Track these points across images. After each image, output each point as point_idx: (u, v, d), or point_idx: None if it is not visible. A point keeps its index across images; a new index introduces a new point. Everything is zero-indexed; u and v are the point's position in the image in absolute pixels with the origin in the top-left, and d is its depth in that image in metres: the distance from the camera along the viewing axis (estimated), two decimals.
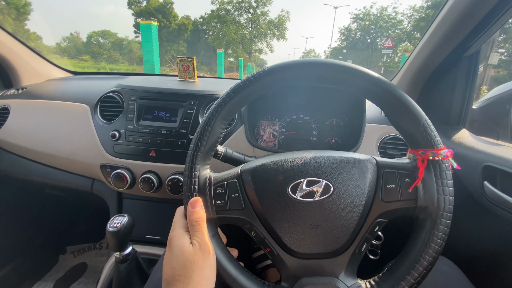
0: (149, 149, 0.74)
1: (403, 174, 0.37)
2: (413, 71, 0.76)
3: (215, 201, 0.38)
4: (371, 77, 0.36)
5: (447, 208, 0.34)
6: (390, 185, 0.37)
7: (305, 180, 0.37)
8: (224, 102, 0.38)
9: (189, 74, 0.91)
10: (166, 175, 0.74)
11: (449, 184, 0.35)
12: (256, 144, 0.74)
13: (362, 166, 0.38)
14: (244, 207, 0.38)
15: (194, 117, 0.74)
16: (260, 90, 0.38)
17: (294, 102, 0.85)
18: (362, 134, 0.72)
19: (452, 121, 0.73)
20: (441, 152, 0.35)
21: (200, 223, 0.36)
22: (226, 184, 0.39)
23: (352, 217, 0.36)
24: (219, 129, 0.39)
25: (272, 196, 0.37)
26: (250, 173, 0.39)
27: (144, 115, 0.77)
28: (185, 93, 0.77)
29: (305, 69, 0.36)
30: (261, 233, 0.38)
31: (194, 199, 0.37)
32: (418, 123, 0.35)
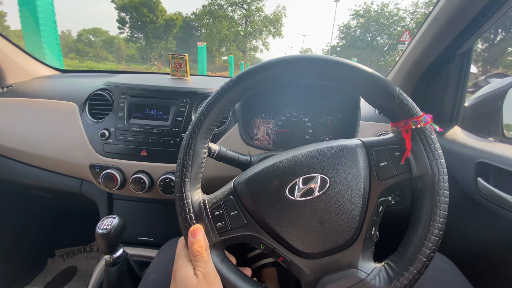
0: (140, 148, 0.72)
1: (392, 149, 0.37)
2: (406, 69, 0.76)
3: (215, 224, 0.37)
4: (340, 64, 0.36)
5: (442, 171, 0.34)
6: (383, 162, 0.37)
7: (300, 178, 0.36)
8: (200, 121, 0.37)
9: (182, 71, 0.89)
10: (158, 175, 0.72)
11: (437, 148, 0.35)
12: (251, 142, 0.73)
13: (352, 151, 0.38)
14: (246, 222, 0.37)
15: (186, 115, 0.73)
16: (233, 100, 0.38)
17: (288, 100, 0.84)
18: (357, 131, 0.72)
19: (445, 118, 0.74)
20: (422, 119, 0.35)
21: (201, 252, 0.35)
22: (223, 204, 0.38)
23: (355, 203, 0.36)
24: (201, 149, 0.38)
25: (271, 203, 0.36)
26: (244, 185, 0.38)
27: (135, 113, 0.75)
28: (177, 90, 0.75)
29: (275, 68, 0.36)
30: (270, 244, 0.37)
31: (194, 228, 0.36)
32: (392, 96, 0.35)
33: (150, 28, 31.15)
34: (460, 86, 0.70)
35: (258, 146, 0.73)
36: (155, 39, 32.28)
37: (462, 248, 0.63)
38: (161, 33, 32.07)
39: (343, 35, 33.76)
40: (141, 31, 32.38)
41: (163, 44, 32.31)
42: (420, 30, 0.68)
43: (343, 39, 34.02)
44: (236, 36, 29.78)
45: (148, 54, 24.25)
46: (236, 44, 30.13)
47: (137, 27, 32.41)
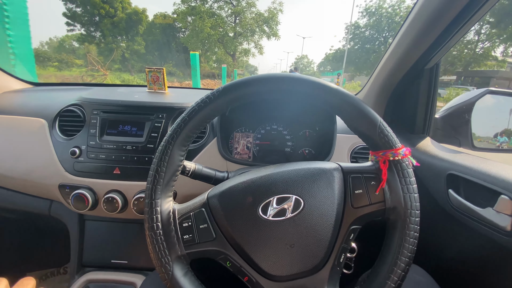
0: (113, 166, 0.69)
1: (368, 178, 0.37)
2: (378, 84, 0.78)
3: (182, 236, 0.36)
4: (327, 88, 0.36)
5: (414, 205, 0.35)
6: (358, 190, 0.37)
7: (275, 198, 0.36)
8: (180, 127, 0.36)
9: (159, 85, 0.87)
10: (132, 194, 0.69)
11: (412, 182, 0.35)
12: (230, 157, 0.72)
13: (329, 175, 0.38)
14: (215, 237, 0.36)
15: (162, 131, 0.70)
16: (217, 110, 0.37)
17: (267, 113, 0.84)
18: (334, 144, 0.73)
19: (417, 130, 0.76)
20: (400, 152, 0.35)
21: None
22: (193, 215, 0.37)
23: (326, 229, 0.35)
24: (178, 156, 0.37)
25: (243, 220, 0.36)
26: (217, 198, 0.37)
27: (108, 130, 0.72)
28: (153, 105, 0.73)
29: (260, 85, 0.36)
30: (237, 262, 0.36)
31: None
32: (374, 126, 0.36)
33: (105, 23, 23.11)
34: (430, 99, 0.73)
35: (237, 161, 0.72)
36: (113, 38, 24.49)
37: (438, 260, 0.64)
38: (121, 30, 24.40)
39: (351, 36, 28.28)
40: (98, 28, 24.42)
41: (126, 45, 25.39)
42: (389, 47, 0.71)
43: (350, 40, 28.39)
44: (223, 37, 24.13)
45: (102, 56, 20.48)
46: (224, 47, 24.61)
47: (92, 23, 24.09)
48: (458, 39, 0.62)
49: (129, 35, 25.60)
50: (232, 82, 0.37)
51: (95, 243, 0.80)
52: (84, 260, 0.79)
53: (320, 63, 68.56)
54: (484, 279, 0.52)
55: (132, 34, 25.62)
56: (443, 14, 0.54)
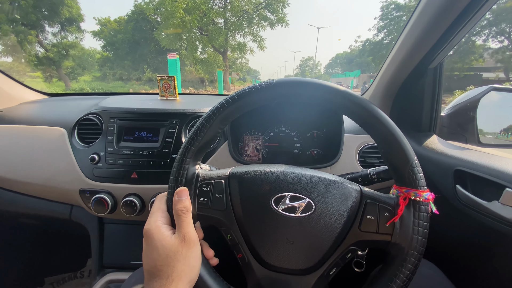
0: (130, 171, 0.73)
1: (383, 208, 0.38)
2: (384, 85, 0.81)
3: (198, 198, 0.39)
4: (374, 112, 0.37)
5: (418, 249, 0.35)
6: (370, 216, 0.38)
7: (289, 194, 0.38)
8: (228, 103, 0.39)
9: (170, 92, 0.92)
10: (149, 197, 0.73)
11: (424, 226, 0.36)
12: (240, 159, 0.75)
13: (347, 192, 0.39)
14: (225, 208, 0.39)
15: (176, 136, 0.74)
16: (264, 99, 0.39)
17: (275, 116, 0.87)
18: (342, 144, 0.75)
19: (424, 128, 0.78)
20: (423, 194, 0.36)
21: (186, 212, 0.36)
22: (213, 183, 0.40)
23: (328, 239, 0.37)
24: (217, 128, 0.40)
25: (255, 204, 0.38)
26: (238, 177, 0.40)
27: (125, 137, 0.76)
28: (166, 112, 0.76)
29: (311, 89, 0.38)
30: (237, 238, 0.39)
31: (181, 189, 0.38)
32: (407, 162, 0.36)
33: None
34: (435, 98, 0.75)
35: (247, 163, 0.75)
36: (14, 26, 14.50)
37: (447, 253, 0.66)
38: (31, 15, 14.35)
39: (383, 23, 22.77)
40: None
41: (31, 35, 14.76)
42: (394, 47, 0.73)
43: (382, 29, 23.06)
44: (206, 25, 15.95)
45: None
46: (209, 40, 16.21)
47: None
48: (461, 38, 0.63)
49: (51, 20, 15.83)
50: (286, 79, 0.39)
51: (115, 245, 0.83)
52: (105, 261, 0.83)
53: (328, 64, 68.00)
54: (492, 269, 0.54)
55: (53, 19, 15.86)
56: (446, 13, 0.56)
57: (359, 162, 0.76)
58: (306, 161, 0.85)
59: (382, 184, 0.57)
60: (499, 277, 0.52)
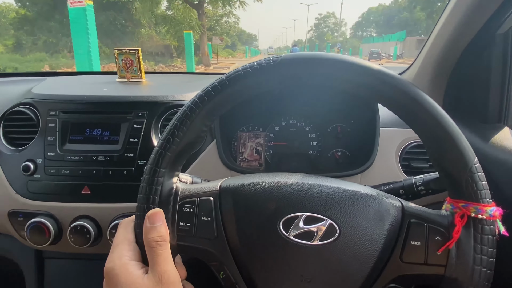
0: (80, 184, 0.74)
1: (434, 230, 0.39)
2: (434, 60, 0.82)
3: (178, 222, 0.40)
4: (408, 91, 0.38)
5: (482, 285, 0.35)
6: (415, 241, 0.39)
7: (304, 215, 0.39)
8: (215, 90, 0.39)
9: (133, 71, 0.93)
10: (107, 220, 0.73)
11: (490, 254, 0.36)
12: (235, 165, 0.77)
13: (383, 209, 0.40)
14: (216, 236, 0.40)
15: (144, 135, 0.75)
16: (266, 84, 0.40)
17: (283, 104, 0.88)
18: (377, 142, 0.77)
19: (490, 118, 0.79)
20: (488, 210, 0.36)
21: (161, 244, 0.37)
22: (198, 202, 0.41)
23: (358, 275, 0.38)
24: (201, 126, 0.40)
25: (256, 228, 0.39)
26: (232, 192, 0.42)
27: (71, 136, 0.76)
28: (130, 100, 0.78)
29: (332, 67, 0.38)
30: (233, 277, 0.39)
31: (154, 212, 0.38)
32: (464, 167, 0.37)
33: None
34: (506, 76, 0.76)
35: (244, 170, 0.76)
36: None
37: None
38: None
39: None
40: None
41: None
42: (445, 10, 0.75)
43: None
44: None
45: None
46: None
47: None
48: None
49: None
50: (295, 54, 0.39)
51: None
52: None
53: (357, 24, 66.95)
54: None
55: None
56: None
57: (401, 168, 0.78)
58: (327, 167, 0.87)
59: (433, 198, 0.58)
60: None
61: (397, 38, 34.97)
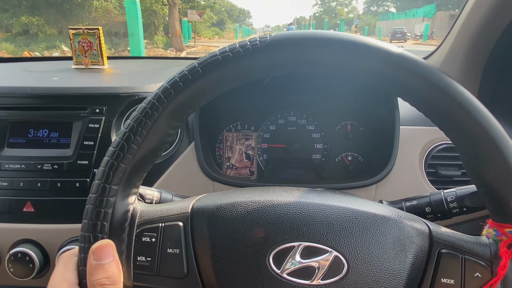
0: (22, 199, 0.71)
1: (472, 264, 0.36)
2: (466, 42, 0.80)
3: (135, 257, 0.38)
4: (438, 82, 0.35)
5: None
6: (447, 279, 0.36)
7: (301, 245, 0.36)
8: (184, 82, 0.36)
9: (93, 56, 0.89)
10: (56, 246, 0.71)
11: None
12: (219, 174, 0.74)
13: (404, 235, 0.38)
14: (186, 274, 0.38)
15: (102, 136, 0.73)
16: (251, 72, 0.38)
17: (279, 96, 0.86)
18: (396, 144, 0.74)
19: None
20: None
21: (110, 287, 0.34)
22: (162, 228, 0.38)
23: None
24: (167, 128, 0.38)
25: (239, 264, 0.37)
26: (208, 215, 0.39)
27: (11, 139, 0.74)
28: (85, 93, 0.75)
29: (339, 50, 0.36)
30: None
31: (101, 244, 0.35)
32: (509, 171, 0.34)
33: None
34: None
35: (231, 181, 0.74)
36: None
37: None
38: None
39: None
40: None
41: None
42: None
43: None
44: None
45: None
46: None
47: None
48: None
49: None
50: (291, 34, 0.37)
51: None
52: None
53: None
54: None
55: None
56: None
57: (427, 176, 0.75)
58: (335, 176, 0.85)
59: (468, 217, 0.57)
60: None
61: (424, 13, 34.22)
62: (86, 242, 0.35)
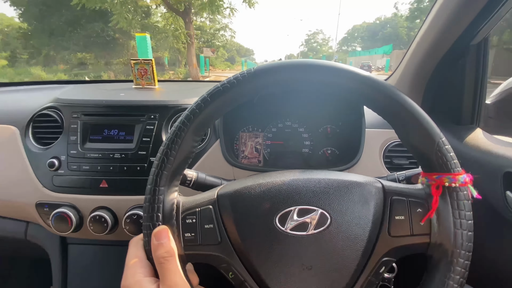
0: (99, 179, 0.74)
1: (414, 203, 0.39)
2: (414, 67, 0.82)
3: (183, 234, 0.39)
4: (380, 86, 0.38)
5: (466, 246, 0.36)
6: (399, 216, 0.38)
7: (296, 208, 0.38)
8: (199, 108, 0.39)
9: (148, 79, 0.93)
10: (123, 211, 0.74)
11: (467, 216, 0.36)
12: (236, 162, 0.77)
13: (366, 191, 0.40)
14: (220, 241, 0.39)
15: (155, 135, 0.75)
16: (244, 95, 0.39)
17: (279, 108, 0.88)
18: (363, 141, 0.77)
19: (465, 120, 0.79)
20: (459, 178, 0.36)
21: (169, 259, 0.36)
22: (199, 212, 0.40)
23: (353, 255, 0.37)
24: (192, 142, 0.40)
25: (255, 227, 0.39)
26: (229, 198, 0.40)
27: (91, 136, 0.77)
28: (143, 104, 0.78)
29: (302, 71, 0.38)
30: (241, 275, 0.38)
31: (159, 229, 0.37)
32: (432, 142, 0.37)
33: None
34: (479, 82, 0.76)
35: (245, 167, 0.76)
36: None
37: (492, 276, 0.66)
38: None
39: None
40: None
41: None
42: (425, 22, 0.74)
43: None
44: None
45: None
46: None
47: None
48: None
49: None
50: (267, 65, 0.39)
51: (81, 271, 0.85)
52: None
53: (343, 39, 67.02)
54: None
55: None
56: None
57: (384, 164, 0.78)
58: (319, 163, 0.87)
59: None
60: None
61: (383, 51, 34.28)
62: (148, 229, 0.38)
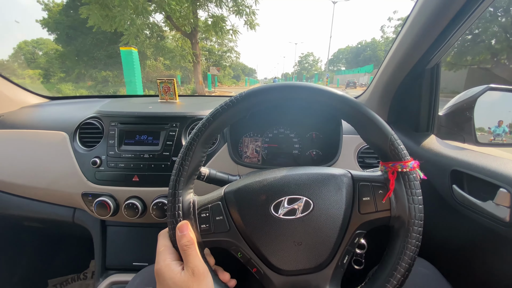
0: (132, 174, 0.75)
1: (376, 186, 0.40)
2: (381, 86, 0.82)
3: (200, 225, 0.40)
4: (341, 98, 0.39)
5: (418, 216, 0.37)
6: (366, 197, 0.40)
7: (286, 198, 0.39)
8: (204, 127, 0.40)
9: (170, 95, 0.94)
10: (150, 200, 0.74)
11: (417, 193, 0.38)
12: (240, 161, 0.77)
13: (339, 181, 0.41)
14: (229, 229, 0.40)
15: (176, 139, 0.76)
16: (238, 113, 0.40)
17: (274, 118, 0.89)
18: (340, 145, 0.77)
19: (422, 128, 0.79)
20: (408, 164, 0.38)
21: (190, 246, 0.37)
22: (210, 207, 0.40)
23: (333, 231, 0.39)
24: (201, 153, 0.41)
25: (255, 215, 0.39)
26: (233, 194, 0.41)
27: (126, 140, 0.77)
28: (167, 115, 0.78)
29: (280, 92, 0.39)
30: (247, 254, 0.39)
31: (182, 223, 0.38)
32: (385, 138, 0.39)
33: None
34: (433, 98, 0.76)
35: (247, 164, 0.77)
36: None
37: (442, 253, 0.67)
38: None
39: None
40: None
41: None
42: (390, 50, 0.75)
43: None
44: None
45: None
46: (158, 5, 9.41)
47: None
48: (458, 38, 0.64)
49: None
50: (253, 89, 0.40)
51: (117, 247, 0.85)
52: (107, 263, 0.85)
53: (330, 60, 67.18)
54: (486, 267, 0.56)
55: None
56: (441, 14, 0.58)
57: (358, 163, 0.78)
58: (306, 162, 0.87)
59: None
60: (492, 274, 0.54)
61: (366, 70, 34.13)
62: (172, 224, 0.39)
